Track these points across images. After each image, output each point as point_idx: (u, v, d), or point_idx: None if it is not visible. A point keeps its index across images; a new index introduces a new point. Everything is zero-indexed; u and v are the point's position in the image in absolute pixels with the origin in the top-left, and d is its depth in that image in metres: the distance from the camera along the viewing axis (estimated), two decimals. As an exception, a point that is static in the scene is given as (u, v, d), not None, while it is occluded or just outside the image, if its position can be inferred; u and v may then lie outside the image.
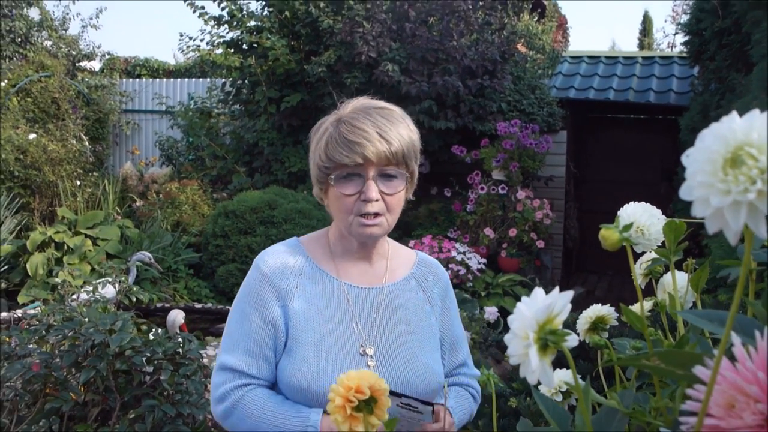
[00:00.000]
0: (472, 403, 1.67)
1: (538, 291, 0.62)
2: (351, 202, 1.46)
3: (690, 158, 0.49)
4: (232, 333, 1.52)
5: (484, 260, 6.24)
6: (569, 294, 0.61)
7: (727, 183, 0.46)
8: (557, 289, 0.62)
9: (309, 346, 1.45)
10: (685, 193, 0.49)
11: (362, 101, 1.53)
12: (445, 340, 1.64)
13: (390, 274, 1.61)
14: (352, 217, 1.47)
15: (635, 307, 0.91)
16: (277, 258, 1.55)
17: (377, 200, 1.45)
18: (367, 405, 0.93)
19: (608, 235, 0.74)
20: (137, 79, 11.09)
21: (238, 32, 7.61)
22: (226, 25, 7.64)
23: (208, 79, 10.04)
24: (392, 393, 1.31)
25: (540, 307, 0.60)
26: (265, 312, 1.49)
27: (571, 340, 0.61)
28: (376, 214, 1.46)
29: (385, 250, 1.63)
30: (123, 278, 3.93)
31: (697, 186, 0.48)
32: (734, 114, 0.48)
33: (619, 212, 0.89)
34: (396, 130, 1.46)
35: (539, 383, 0.61)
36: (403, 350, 1.52)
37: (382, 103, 1.53)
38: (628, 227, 0.75)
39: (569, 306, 0.61)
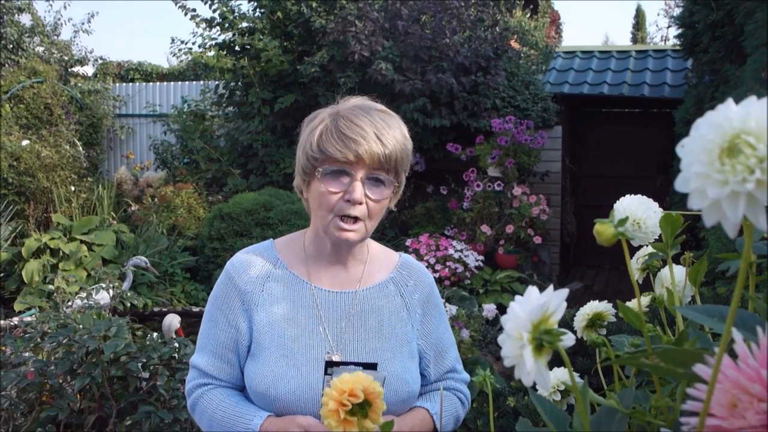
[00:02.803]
0: (460, 407, 1.62)
1: (532, 290, 0.60)
2: (334, 200, 1.40)
3: (685, 148, 0.47)
4: (201, 334, 1.54)
5: (481, 257, 6.23)
6: (564, 292, 0.59)
7: (724, 173, 0.44)
8: (551, 287, 0.60)
9: (271, 350, 1.43)
10: (680, 184, 0.47)
11: (362, 100, 1.50)
12: (428, 348, 1.57)
13: (367, 278, 1.55)
14: (332, 216, 1.41)
15: (633, 303, 0.89)
16: (245, 261, 1.53)
17: (361, 203, 1.40)
18: (361, 408, 0.91)
19: (603, 230, 0.72)
20: (130, 84, 11.06)
21: (230, 34, 7.58)
22: (217, 27, 7.61)
23: (201, 82, 10.01)
24: (329, 363, 1.34)
25: (534, 306, 0.58)
26: (230, 315, 1.49)
27: (567, 340, 0.59)
28: (356, 219, 1.41)
29: (363, 255, 1.57)
30: (117, 284, 3.90)
31: (693, 177, 0.46)
32: (730, 101, 0.46)
33: (614, 206, 0.87)
34: (392, 134, 1.42)
35: (535, 384, 0.59)
36: (371, 358, 1.46)
37: (381, 106, 1.49)
38: (623, 221, 0.73)
39: (564, 304, 0.59)
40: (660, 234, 0.87)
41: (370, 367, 1.36)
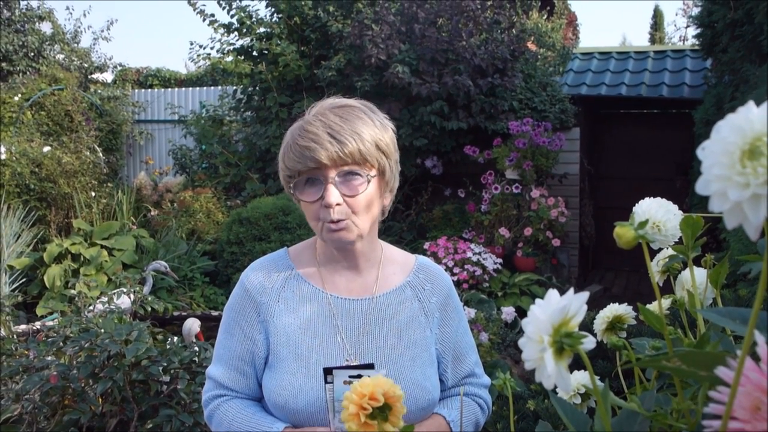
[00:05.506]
0: (479, 413, 1.58)
1: (552, 292, 0.60)
2: (315, 208, 1.39)
3: (706, 151, 0.47)
4: (218, 344, 1.52)
5: (499, 260, 6.21)
6: (585, 295, 0.59)
7: (745, 175, 0.44)
8: (572, 290, 0.60)
9: (289, 361, 1.41)
10: (701, 187, 0.47)
11: (328, 101, 1.46)
12: (446, 352, 1.53)
13: (382, 282, 1.51)
14: (320, 223, 1.39)
15: (653, 306, 0.89)
16: (259, 272, 1.51)
17: (338, 204, 1.36)
18: (381, 412, 0.91)
19: (623, 233, 0.72)
20: (149, 90, 11.16)
21: (248, 39, 7.63)
22: (235, 33, 7.67)
23: (219, 87, 10.09)
24: (327, 370, 1.32)
25: (554, 309, 0.58)
26: (246, 327, 1.47)
27: (588, 343, 0.59)
28: (340, 220, 1.38)
29: (376, 257, 1.53)
30: (138, 288, 3.93)
31: (714, 179, 0.46)
32: (751, 104, 0.46)
33: (634, 208, 0.86)
34: (351, 128, 1.36)
35: (556, 387, 0.59)
36: (391, 366, 1.43)
37: (344, 101, 1.45)
38: (643, 224, 0.73)
39: (585, 307, 0.59)
40: (680, 236, 0.86)
41: (368, 367, 1.35)
